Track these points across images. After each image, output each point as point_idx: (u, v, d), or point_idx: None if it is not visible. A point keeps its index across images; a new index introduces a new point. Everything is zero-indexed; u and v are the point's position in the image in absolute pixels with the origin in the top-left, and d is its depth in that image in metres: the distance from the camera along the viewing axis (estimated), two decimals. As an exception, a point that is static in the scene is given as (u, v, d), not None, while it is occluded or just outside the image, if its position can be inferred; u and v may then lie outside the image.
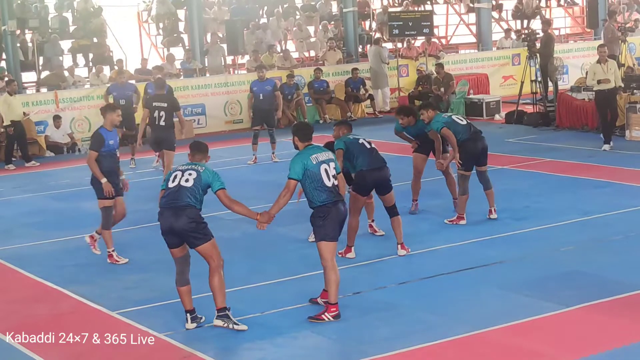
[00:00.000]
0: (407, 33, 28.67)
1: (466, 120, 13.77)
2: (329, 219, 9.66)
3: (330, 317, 9.68)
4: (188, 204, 9.46)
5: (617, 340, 8.74)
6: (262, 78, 20.29)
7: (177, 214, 9.43)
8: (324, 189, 9.66)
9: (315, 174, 9.64)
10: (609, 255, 11.65)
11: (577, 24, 38.61)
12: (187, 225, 9.42)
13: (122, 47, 28.88)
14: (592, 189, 15.47)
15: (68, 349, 9.33)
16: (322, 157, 9.79)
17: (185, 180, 9.52)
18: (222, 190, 9.57)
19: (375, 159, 12.04)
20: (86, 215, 15.82)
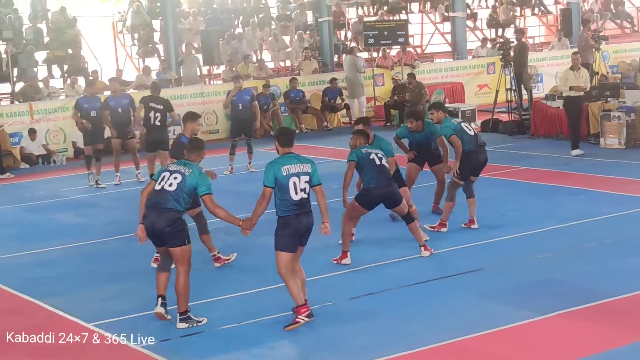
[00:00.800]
0: (382, 42, 28.74)
1: (474, 131, 13.75)
2: (287, 230, 9.78)
3: (304, 318, 9.76)
4: (169, 207, 9.77)
5: (593, 347, 8.78)
6: (240, 88, 20.29)
7: (158, 216, 9.79)
8: (289, 202, 9.74)
9: (283, 185, 9.72)
10: (584, 263, 11.69)
11: (551, 32, 38.80)
12: (164, 228, 9.77)
13: (97, 58, 28.80)
14: (568, 196, 15.53)
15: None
16: (294, 169, 9.80)
17: (169, 185, 9.81)
18: (208, 195, 9.80)
19: (382, 177, 12.12)
20: (61, 227, 15.77)
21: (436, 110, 13.79)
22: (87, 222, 16.15)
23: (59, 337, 9.94)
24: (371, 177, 12.08)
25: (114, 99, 19.43)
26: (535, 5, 37.94)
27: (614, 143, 20.22)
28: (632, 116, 20.20)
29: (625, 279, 10.81)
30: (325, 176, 13.08)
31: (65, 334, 10.10)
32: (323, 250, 12.52)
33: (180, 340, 9.60)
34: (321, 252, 12.39)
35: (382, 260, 12.21)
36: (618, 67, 31.52)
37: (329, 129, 26.83)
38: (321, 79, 28.17)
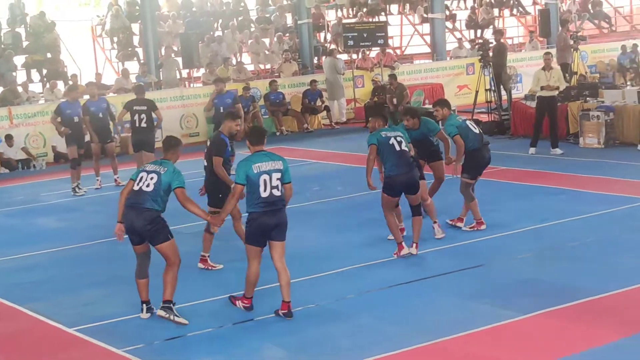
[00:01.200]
0: (361, 44, 28.79)
1: (479, 129, 13.72)
2: (253, 226, 10.03)
3: (241, 305, 10.35)
4: (147, 207, 10.03)
5: (574, 346, 8.81)
6: (222, 91, 20.27)
7: (137, 215, 10.06)
8: (258, 199, 9.94)
9: (254, 182, 9.93)
10: (565, 262, 11.75)
11: (529, 33, 38.96)
12: (144, 227, 10.05)
13: (76, 62, 28.71)
14: (548, 196, 15.60)
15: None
16: (265, 166, 9.99)
17: (147, 186, 10.05)
18: (180, 188, 10.05)
19: (403, 163, 12.13)
20: (42, 232, 15.72)
21: (441, 107, 13.77)
22: (69, 226, 16.10)
23: (41, 343, 9.94)
24: (392, 164, 12.12)
25: (94, 104, 19.33)
26: (513, 6, 38.09)
27: (593, 142, 20.33)
28: (610, 115, 20.32)
29: (605, 278, 10.87)
30: (306, 178, 13.15)
31: (47, 339, 10.11)
32: (307, 252, 12.54)
33: (162, 344, 9.58)
34: (305, 254, 12.41)
35: (364, 262, 12.21)
36: (596, 67, 31.73)
37: (309, 131, 26.86)
38: (301, 81, 28.20)
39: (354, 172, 19.35)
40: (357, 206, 15.75)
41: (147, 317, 10.27)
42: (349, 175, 19.21)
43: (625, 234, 12.98)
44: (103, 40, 31.38)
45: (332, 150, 22.78)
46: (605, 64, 31.95)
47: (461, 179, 13.53)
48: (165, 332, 9.91)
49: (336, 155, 22.10)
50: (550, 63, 20.10)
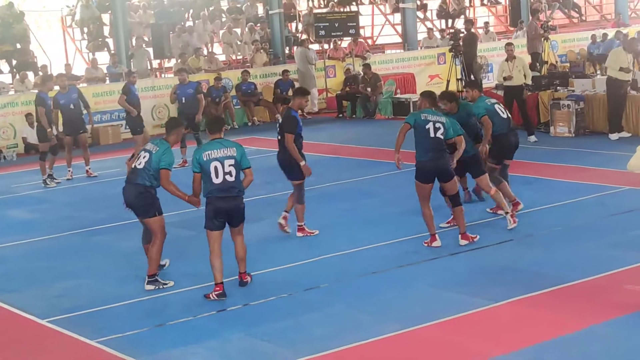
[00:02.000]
0: (333, 34, 28.78)
1: (507, 114, 13.60)
2: (210, 210, 10.52)
3: (214, 295, 10.50)
4: (137, 182, 10.89)
5: (546, 333, 8.88)
6: (184, 81, 20.28)
7: (129, 190, 11.02)
8: (211, 185, 10.42)
9: (205, 169, 10.42)
10: (536, 250, 11.82)
11: (500, 22, 39.12)
12: (134, 200, 10.98)
13: (46, 53, 28.53)
14: (519, 185, 15.62)
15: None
16: (216, 154, 10.43)
17: (139, 163, 10.92)
18: (165, 170, 10.78)
19: (434, 150, 11.92)
20: (13, 224, 15.63)
21: (471, 89, 13.72)
22: (40, 217, 16.02)
23: (14, 334, 9.90)
24: (423, 150, 11.92)
25: (63, 96, 19.24)
26: (484, -4, 38.24)
27: (564, 131, 20.43)
28: (581, 104, 20.43)
29: (576, 266, 10.95)
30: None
31: (20, 331, 10.07)
32: (282, 241, 12.56)
33: (136, 335, 9.56)
34: (280, 243, 12.42)
35: (336, 252, 12.23)
36: (567, 57, 31.90)
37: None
38: (273, 71, 28.16)
39: (326, 162, 19.38)
40: (329, 196, 15.77)
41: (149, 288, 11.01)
42: (321, 165, 19.21)
43: (595, 221, 13.07)
44: (73, 31, 31.15)
45: (305, 141, 22.66)
46: (576, 53, 32.13)
47: (488, 164, 13.49)
48: (138, 323, 9.89)
49: (308, 145, 21.89)
50: (513, 53, 20.19)
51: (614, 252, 11.45)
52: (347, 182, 14.43)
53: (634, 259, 11.05)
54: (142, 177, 10.83)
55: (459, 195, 12.35)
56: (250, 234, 11.48)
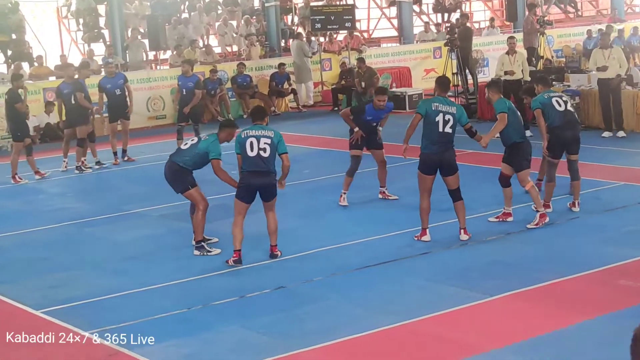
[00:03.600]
0: (329, 27, 28.76)
1: (565, 106, 13.40)
2: (242, 183, 11.33)
3: (232, 261, 11.34)
4: (174, 160, 11.96)
5: (539, 327, 8.90)
6: (187, 73, 20.25)
7: (167, 166, 12.04)
8: (246, 158, 11.25)
9: (242, 145, 11.24)
10: (530, 245, 11.85)
11: (496, 16, 39.08)
12: (169, 177, 12.00)
13: (41, 43, 28.45)
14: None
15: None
16: (254, 132, 11.32)
17: (185, 145, 12.11)
18: (215, 159, 11.64)
19: (440, 142, 11.89)
20: (6, 214, 15.60)
21: (536, 85, 13.82)
22: (33, 209, 16.00)
23: (8, 325, 9.89)
24: (429, 142, 11.90)
25: (110, 81, 19.68)
26: (480, -10, 38.21)
27: (559, 127, 20.41)
28: (576, 100, 20.42)
29: (570, 261, 10.98)
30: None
31: (14, 321, 10.06)
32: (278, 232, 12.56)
33: (130, 327, 9.55)
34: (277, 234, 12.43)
35: (331, 245, 12.25)
36: (562, 51, 31.87)
37: (276, 114, 26.82)
38: (268, 64, 28.14)
39: (321, 155, 19.41)
40: (324, 189, 15.77)
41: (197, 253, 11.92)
42: (316, 158, 19.24)
43: (589, 217, 13.10)
44: (69, 22, 31.09)
45: (299, 134, 22.76)
46: (571, 48, 32.11)
47: (545, 157, 13.60)
48: (132, 314, 9.90)
49: (303, 138, 22.10)
50: (515, 47, 20.22)
51: (609, 248, 11.49)
52: (341, 176, 14.44)
53: (629, 254, 11.09)
54: (181, 157, 11.84)
55: (459, 190, 12.25)
56: (246, 225, 11.47)
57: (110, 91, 19.65)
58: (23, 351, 9.13)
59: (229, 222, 11.63)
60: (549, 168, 13.56)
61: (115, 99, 19.71)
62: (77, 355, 9.00)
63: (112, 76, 19.92)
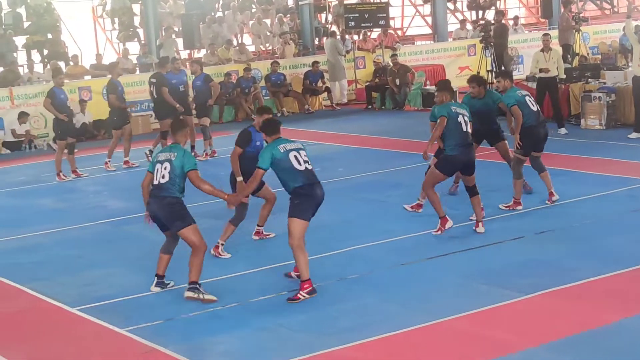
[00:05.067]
0: (363, 25, 28.73)
1: (537, 107, 13.59)
2: (304, 198, 10.08)
3: (304, 294, 9.97)
4: (165, 195, 10.22)
5: (575, 325, 8.84)
6: (196, 73, 20.23)
7: (158, 204, 10.29)
8: (297, 173, 10.04)
9: (284, 160, 10.03)
10: (566, 243, 11.75)
11: (531, 14, 38.89)
12: (166, 213, 10.26)
13: (77, 43, 28.66)
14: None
15: (28, 346, 9.27)
16: (290, 146, 10.19)
17: (162, 177, 10.21)
18: (193, 171, 10.20)
19: (465, 144, 12.11)
20: (43, 212, 15.72)
21: (503, 79, 13.78)
22: (70, 207, 16.11)
23: (44, 322, 9.98)
24: (455, 144, 12.04)
25: (175, 76, 19.79)
26: (516, -13, 38.02)
27: (595, 124, 20.31)
28: (612, 97, 20.29)
29: (606, 259, 10.89)
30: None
31: (50, 318, 10.15)
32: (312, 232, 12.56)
33: (163, 324, 9.60)
34: (310, 234, 12.42)
35: (367, 243, 12.23)
36: (598, 48, 31.65)
37: (310, 112, 26.85)
38: (302, 62, 28.17)
39: (355, 153, 19.39)
40: (358, 187, 15.76)
41: (156, 290, 10.48)
42: (350, 156, 19.23)
43: (625, 215, 12.99)
44: (104, 21, 31.30)
45: (333, 132, 22.77)
46: (607, 45, 31.87)
47: (514, 155, 13.55)
48: (167, 312, 9.94)
49: (337, 136, 22.10)
50: (549, 44, 20.09)
51: (645, 246, 11.40)
52: (376, 174, 14.44)
53: (666, 252, 10.99)
54: (170, 190, 10.19)
55: (476, 186, 12.41)
56: (279, 225, 11.49)
57: (175, 87, 19.73)
58: (59, 348, 9.21)
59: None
60: (517, 165, 13.56)
61: (178, 95, 19.77)
62: (112, 353, 9.06)
63: (177, 72, 20.02)
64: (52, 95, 18.47)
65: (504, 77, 13.92)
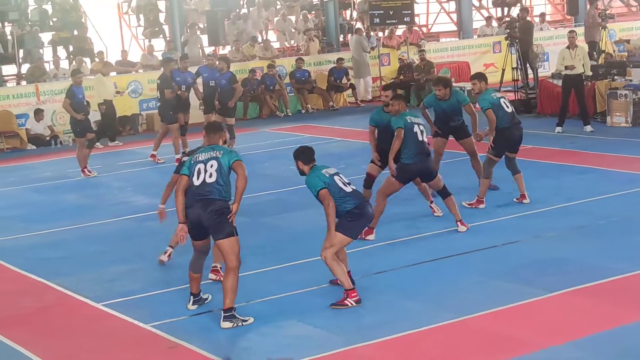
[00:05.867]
0: (388, 22, 28.65)
1: (511, 108, 13.61)
2: (357, 220, 9.95)
3: (352, 302, 9.77)
4: (215, 198, 9.40)
5: (600, 324, 8.80)
6: (222, 70, 19.97)
7: (205, 206, 9.38)
8: (347, 195, 9.83)
9: (333, 185, 9.79)
10: (591, 241, 11.70)
11: (557, 10, 38.69)
12: (212, 218, 9.35)
13: (102, 39, 28.78)
14: (575, 175, 15.53)
15: (54, 341, 9.34)
16: (331, 170, 9.97)
17: (209, 176, 9.40)
18: (239, 161, 9.48)
19: (421, 152, 12.17)
20: (69, 208, 15.81)
21: (479, 81, 13.81)
22: (95, 203, 16.19)
23: (69, 317, 10.04)
24: (411, 153, 12.07)
25: (220, 76, 19.84)
26: (541, -17, 37.82)
27: (621, 121, 20.19)
28: (638, 94, 20.16)
29: (631, 257, 10.83)
30: (332, 156, 13.16)
31: (75, 313, 10.21)
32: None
33: (189, 320, 9.65)
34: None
35: (389, 240, 12.23)
36: (624, 46, 31.42)
37: (335, 109, 26.82)
38: (327, 59, 28.15)
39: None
40: (380, 184, 15.71)
41: (193, 308, 9.93)
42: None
43: (651, 213, 12.93)
44: (129, 18, 31.42)
45: (358, 128, 22.70)
46: (634, 42, 31.64)
47: (487, 155, 13.51)
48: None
49: (361, 133, 21.98)
50: (575, 41, 19.97)
51: (671, 244, 11.33)
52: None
53: (691, 251, 10.92)
54: (220, 192, 9.41)
55: (446, 187, 12.43)
56: (302, 222, 11.50)
57: (205, 81, 19.90)
58: (85, 343, 9.26)
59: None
60: (488, 165, 13.58)
61: (209, 91, 19.88)
62: (137, 348, 9.10)
63: (213, 67, 20.12)
64: (70, 95, 18.55)
65: (479, 79, 13.91)
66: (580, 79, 19.87)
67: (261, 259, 11.66)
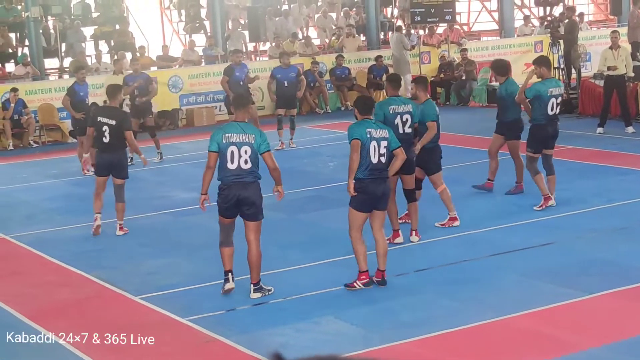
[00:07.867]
0: (429, 20, 28.56)
1: (556, 110, 13.38)
2: (361, 191, 9.97)
3: (360, 284, 10.05)
4: (251, 181, 9.94)
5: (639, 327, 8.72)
6: (286, 65, 20.38)
7: (244, 187, 9.91)
8: (368, 163, 9.93)
9: (364, 147, 9.92)
10: (632, 243, 11.60)
11: (600, 10, 38.37)
12: (254, 199, 9.92)
13: (144, 34, 28.93)
14: (616, 176, 15.40)
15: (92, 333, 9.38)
16: (375, 133, 10.02)
17: (245, 162, 9.85)
18: (269, 152, 10.00)
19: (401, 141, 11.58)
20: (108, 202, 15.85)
21: (539, 67, 13.57)
22: (134, 196, 16.18)
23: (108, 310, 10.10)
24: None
25: (282, 71, 20.12)
26: (584, -17, 37.51)
27: (663, 123, 20.00)
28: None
29: (673, 260, 10.73)
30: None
31: (113, 306, 10.27)
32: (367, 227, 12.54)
33: (226, 315, 9.68)
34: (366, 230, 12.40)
35: (428, 238, 12.19)
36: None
37: (374, 106, 26.76)
38: (367, 56, 28.11)
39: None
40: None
41: (231, 287, 10.16)
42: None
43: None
44: (171, 13, 31.58)
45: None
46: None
47: (526, 153, 13.43)
48: (228, 302, 10.00)
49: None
50: (618, 42, 19.78)
51: None
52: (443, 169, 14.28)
53: None
54: (255, 174, 9.95)
55: (414, 192, 12.18)
56: (334, 219, 11.46)
57: (279, 81, 20.18)
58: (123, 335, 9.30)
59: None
60: (531, 163, 13.40)
61: (283, 90, 20.13)
62: (174, 341, 9.15)
63: (287, 67, 20.37)
64: (72, 93, 18.43)
65: (539, 64, 13.62)
66: (623, 80, 19.69)
67: (299, 256, 11.67)
